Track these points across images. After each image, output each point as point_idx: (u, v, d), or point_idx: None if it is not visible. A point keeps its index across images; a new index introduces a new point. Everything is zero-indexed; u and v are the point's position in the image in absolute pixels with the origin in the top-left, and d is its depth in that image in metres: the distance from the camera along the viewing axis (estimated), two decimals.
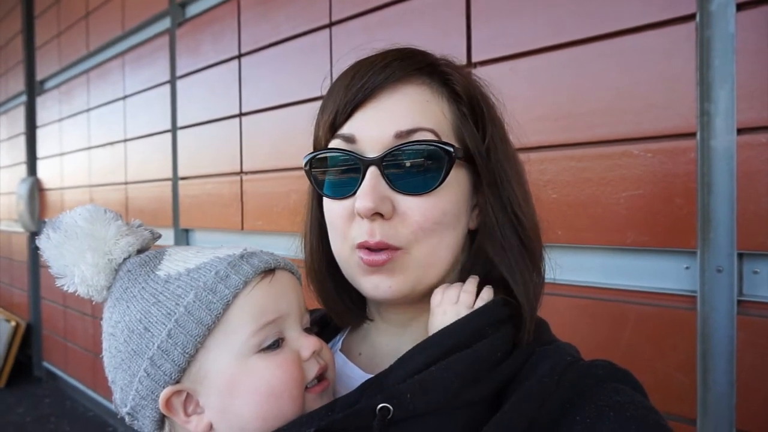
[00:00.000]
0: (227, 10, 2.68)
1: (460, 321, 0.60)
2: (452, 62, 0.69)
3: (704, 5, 1.24)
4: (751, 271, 1.24)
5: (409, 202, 0.62)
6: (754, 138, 1.20)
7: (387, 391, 0.55)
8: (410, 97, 0.63)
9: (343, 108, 0.64)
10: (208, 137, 2.84)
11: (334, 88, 0.67)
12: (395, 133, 0.62)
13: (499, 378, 0.59)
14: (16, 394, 4.77)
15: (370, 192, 0.60)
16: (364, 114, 0.63)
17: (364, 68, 0.64)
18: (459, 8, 1.68)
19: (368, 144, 0.62)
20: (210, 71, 2.80)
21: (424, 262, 0.64)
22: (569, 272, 1.47)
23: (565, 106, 1.47)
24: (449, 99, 0.66)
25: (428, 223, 0.62)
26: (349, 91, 0.63)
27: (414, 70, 0.65)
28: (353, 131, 0.63)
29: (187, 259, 0.61)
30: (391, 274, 0.63)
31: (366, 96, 0.63)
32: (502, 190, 0.66)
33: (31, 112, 5.11)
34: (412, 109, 0.63)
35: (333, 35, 2.13)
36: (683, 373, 1.30)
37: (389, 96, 0.63)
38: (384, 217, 0.61)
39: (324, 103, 0.68)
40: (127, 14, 3.57)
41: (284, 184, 2.36)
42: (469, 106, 0.66)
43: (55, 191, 4.75)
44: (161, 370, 0.57)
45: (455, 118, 0.65)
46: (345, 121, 0.64)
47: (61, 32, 4.48)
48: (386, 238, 0.61)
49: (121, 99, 3.66)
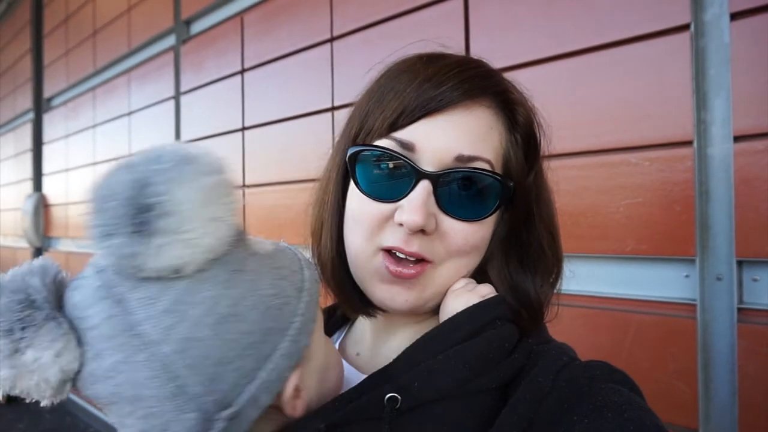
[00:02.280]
0: (231, 26, 2.73)
1: (470, 309, 0.60)
2: (520, 91, 0.69)
3: (699, 15, 1.26)
4: (750, 279, 1.23)
5: (454, 224, 0.61)
6: (751, 145, 1.20)
7: (395, 380, 0.55)
8: (477, 122, 0.62)
9: (410, 111, 0.61)
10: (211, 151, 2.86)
11: (398, 82, 0.63)
12: (457, 156, 0.60)
13: (508, 370, 0.58)
14: (18, 409, 4.74)
15: (421, 207, 0.59)
16: (430, 125, 0.61)
17: (440, 73, 0.61)
18: (458, 21, 1.70)
19: (427, 157, 0.60)
20: (214, 86, 2.84)
21: (446, 282, 0.64)
22: (569, 281, 1.45)
23: (563, 115, 1.48)
24: (508, 128, 0.65)
25: (468, 247, 0.63)
26: (422, 95, 0.60)
27: (492, 93, 0.64)
28: (414, 139, 0.60)
29: (256, 243, 0.55)
30: (411, 288, 0.62)
31: (438, 108, 0.61)
32: (529, 223, 0.67)
33: (38, 128, 5.17)
34: (477, 133, 0.62)
35: (334, 50, 2.16)
36: (684, 383, 1.29)
37: (460, 115, 0.61)
38: (425, 233, 0.60)
39: (381, 93, 0.64)
40: (133, 32, 3.63)
41: (286, 197, 2.37)
42: (524, 137, 0.66)
43: (60, 207, 4.77)
44: (299, 347, 0.52)
45: (509, 147, 0.65)
46: (408, 125, 0.61)
47: (69, 50, 4.56)
48: (421, 251, 0.61)
49: (127, 115, 3.70)
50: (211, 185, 0.46)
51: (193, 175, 0.46)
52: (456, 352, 0.56)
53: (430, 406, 0.55)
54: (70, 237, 4.54)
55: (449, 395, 0.55)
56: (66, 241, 4.68)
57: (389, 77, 0.65)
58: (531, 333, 0.64)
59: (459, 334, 0.58)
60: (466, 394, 0.56)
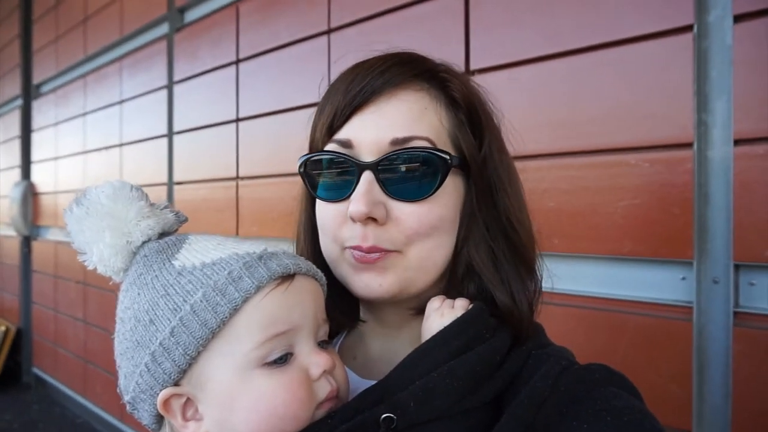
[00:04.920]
0: (226, 15, 2.69)
1: (456, 322, 0.59)
2: (451, 68, 0.69)
3: (702, 17, 1.25)
4: (747, 283, 1.24)
5: (404, 208, 0.62)
6: (751, 149, 1.20)
7: (389, 400, 0.54)
8: (408, 104, 0.63)
9: (341, 111, 0.64)
10: (205, 142, 2.84)
11: (332, 91, 0.66)
12: (391, 140, 0.62)
13: (500, 382, 0.58)
14: (4, 400, 4.70)
15: (363, 196, 0.60)
16: (361, 119, 0.63)
17: (363, 72, 0.64)
18: (458, 16, 1.69)
19: (364, 149, 0.62)
20: (208, 76, 2.80)
21: (417, 265, 0.63)
22: (566, 281, 1.47)
23: (563, 115, 1.47)
24: (447, 105, 0.66)
25: (424, 227, 0.62)
26: (348, 94, 0.63)
27: (413, 75, 0.64)
28: (350, 136, 0.63)
29: (205, 251, 0.58)
30: (383, 272, 0.62)
31: (364, 100, 0.63)
32: (496, 198, 0.66)
33: (27, 115, 5.09)
34: (409, 116, 0.63)
35: (331, 42, 2.13)
36: (679, 385, 1.29)
37: (387, 101, 0.63)
38: (377, 221, 0.61)
39: (321, 105, 0.68)
40: (126, 19, 3.58)
41: (281, 189, 2.35)
42: (467, 113, 0.66)
43: (49, 195, 4.72)
44: (161, 367, 0.54)
45: (452, 125, 0.65)
46: (342, 125, 0.64)
47: (59, 36, 4.48)
48: (379, 243, 0.61)
49: (118, 103, 3.65)
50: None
51: None
52: (450, 370, 0.55)
53: (425, 427, 0.54)
54: (59, 226, 4.49)
55: (444, 415, 0.55)
56: (55, 230, 4.62)
57: (327, 91, 0.68)
58: (526, 334, 0.64)
59: (448, 348, 0.57)
60: (461, 412, 0.56)
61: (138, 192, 0.62)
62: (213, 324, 0.53)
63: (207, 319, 0.53)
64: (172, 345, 0.53)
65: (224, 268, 0.55)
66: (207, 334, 0.53)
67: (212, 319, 0.53)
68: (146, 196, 0.63)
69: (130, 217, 0.60)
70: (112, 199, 0.60)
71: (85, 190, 0.61)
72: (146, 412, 0.58)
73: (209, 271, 0.55)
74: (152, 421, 0.59)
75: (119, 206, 0.60)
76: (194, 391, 0.55)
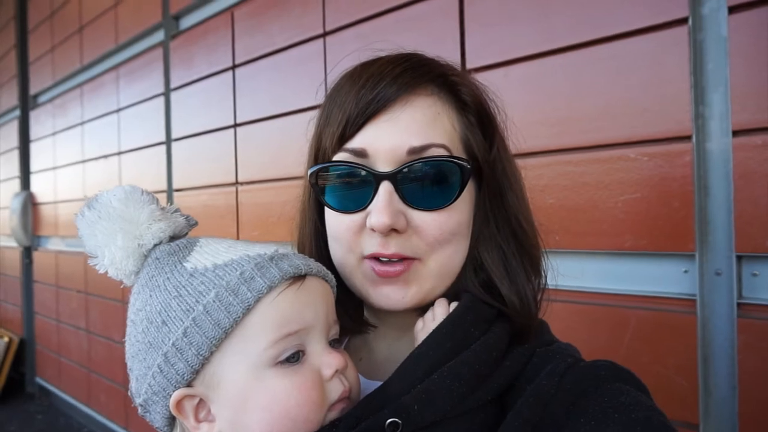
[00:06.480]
0: (221, 21, 2.69)
1: (444, 324, 0.60)
2: (459, 70, 0.69)
3: (696, 9, 1.25)
4: (750, 274, 1.23)
5: (424, 217, 0.61)
6: (750, 140, 1.20)
7: (393, 404, 0.54)
8: (422, 110, 0.62)
9: (353, 120, 0.62)
10: (203, 149, 2.83)
11: (338, 94, 0.65)
12: (409, 149, 0.61)
13: (503, 379, 0.58)
14: (8, 411, 4.70)
15: (386, 207, 0.59)
16: (375, 127, 0.62)
17: (374, 77, 0.62)
18: (453, 15, 1.68)
19: (380, 158, 0.61)
20: (204, 83, 2.80)
21: (439, 272, 0.63)
22: (568, 277, 1.46)
23: (561, 111, 1.47)
24: (457, 109, 0.65)
25: (445, 235, 0.62)
26: (360, 102, 0.62)
27: (425, 81, 0.64)
28: (364, 145, 0.62)
29: (216, 253, 0.58)
30: (406, 285, 0.62)
31: (378, 109, 0.61)
32: (506, 198, 0.66)
33: (25, 126, 5.09)
34: (423, 123, 0.62)
35: (327, 45, 2.13)
36: (684, 378, 1.29)
37: (401, 109, 0.62)
38: (398, 231, 0.61)
39: (327, 109, 0.66)
40: (121, 27, 3.58)
41: (280, 194, 2.35)
42: (477, 115, 0.66)
43: (49, 205, 4.71)
44: (174, 368, 0.54)
45: (463, 128, 0.65)
46: (355, 134, 0.62)
47: (55, 46, 4.48)
48: (401, 250, 0.61)
49: (115, 112, 3.65)
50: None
51: None
52: (450, 370, 0.55)
53: (430, 429, 0.54)
54: (60, 236, 4.49)
55: (448, 416, 0.55)
56: (55, 239, 4.62)
57: (332, 94, 0.66)
58: (529, 331, 0.64)
59: (443, 350, 0.57)
60: (465, 412, 0.56)
61: (149, 196, 0.62)
62: (226, 324, 0.53)
63: (220, 318, 0.53)
64: (185, 345, 0.54)
65: (236, 269, 0.56)
66: (220, 334, 0.53)
67: (225, 318, 0.53)
68: (157, 200, 0.63)
69: (142, 220, 0.60)
70: (124, 202, 0.60)
71: (96, 194, 0.62)
72: (158, 414, 0.58)
73: (221, 272, 0.55)
74: (164, 423, 0.59)
75: (131, 210, 0.60)
76: (207, 391, 0.56)
